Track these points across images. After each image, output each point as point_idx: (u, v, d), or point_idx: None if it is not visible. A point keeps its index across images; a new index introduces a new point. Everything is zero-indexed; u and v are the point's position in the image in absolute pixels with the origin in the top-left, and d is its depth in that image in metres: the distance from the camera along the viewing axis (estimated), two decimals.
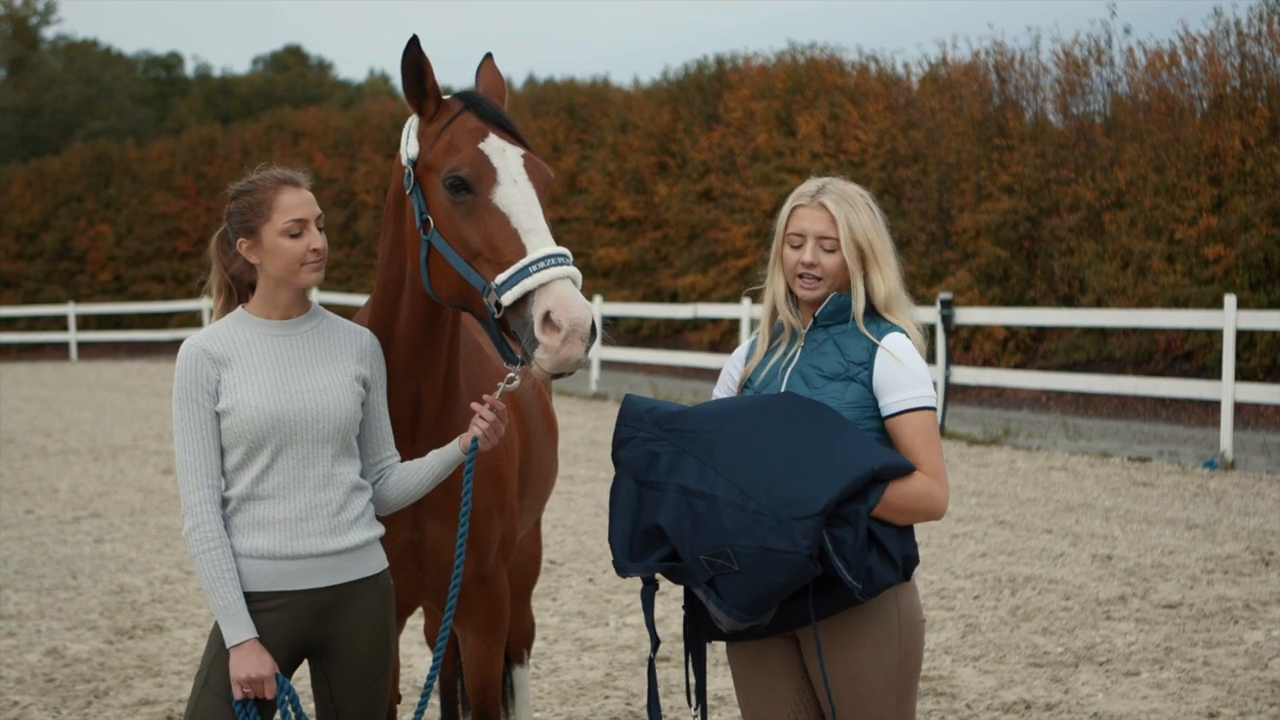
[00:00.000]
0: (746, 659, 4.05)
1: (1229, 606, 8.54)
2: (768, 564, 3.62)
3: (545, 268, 3.69)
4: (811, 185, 4.04)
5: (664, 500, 3.78)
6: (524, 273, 3.69)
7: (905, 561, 3.84)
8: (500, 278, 3.72)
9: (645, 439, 3.89)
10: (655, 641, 4.02)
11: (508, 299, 3.70)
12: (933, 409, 3.90)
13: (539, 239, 3.78)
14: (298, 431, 3.87)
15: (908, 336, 3.96)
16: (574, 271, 3.73)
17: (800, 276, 3.97)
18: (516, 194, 3.85)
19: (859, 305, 3.96)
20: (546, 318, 3.63)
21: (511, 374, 3.89)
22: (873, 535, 3.73)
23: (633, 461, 3.89)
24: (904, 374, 3.88)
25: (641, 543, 3.84)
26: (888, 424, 3.90)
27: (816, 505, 3.61)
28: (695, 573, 3.74)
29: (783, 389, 3.98)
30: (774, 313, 4.12)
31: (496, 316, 3.76)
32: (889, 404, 3.89)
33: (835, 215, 3.95)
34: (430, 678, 4.11)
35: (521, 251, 3.74)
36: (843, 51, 31.96)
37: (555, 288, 3.66)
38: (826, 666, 3.88)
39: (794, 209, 4.01)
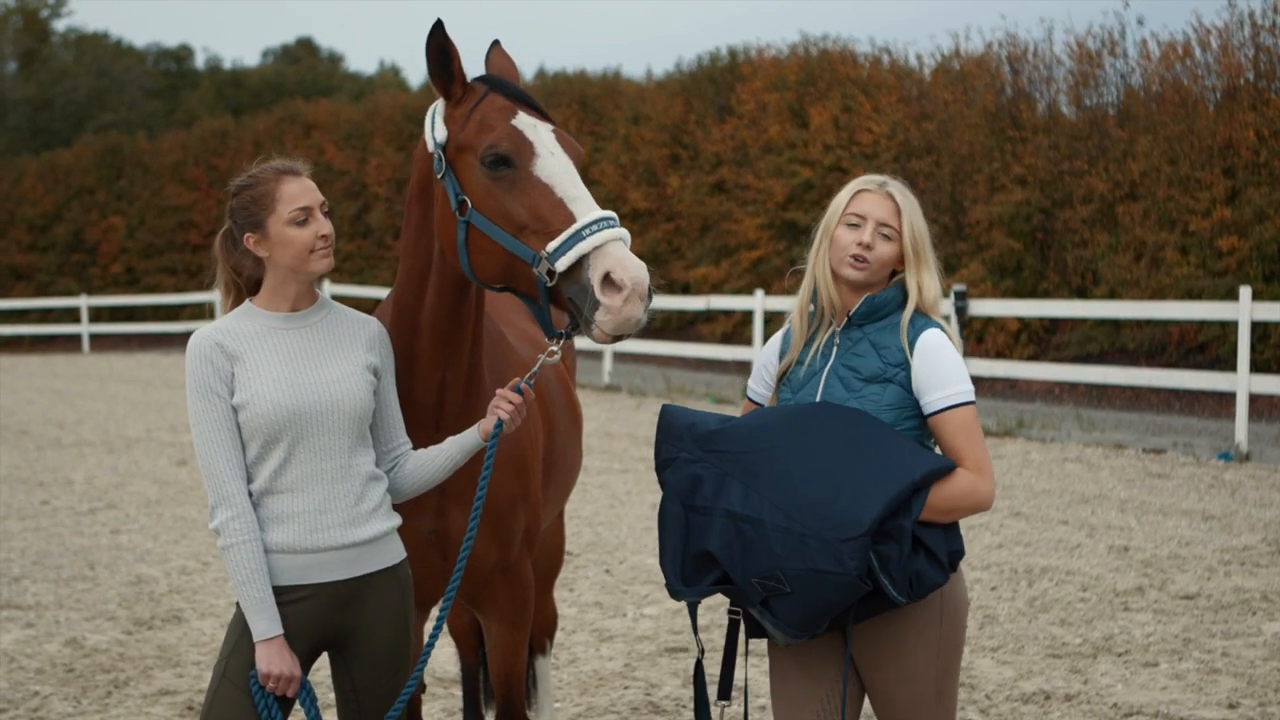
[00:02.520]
0: (785, 654, 4.07)
1: (1246, 598, 8.53)
2: (819, 585, 3.67)
3: (598, 230, 3.71)
4: (876, 177, 4.09)
5: (712, 525, 3.82)
6: (577, 237, 3.70)
7: (951, 557, 3.85)
8: (551, 245, 3.71)
9: (687, 460, 3.92)
10: (700, 649, 4.14)
11: (562, 265, 3.69)
12: (973, 403, 3.91)
13: (585, 205, 3.80)
14: (313, 424, 3.86)
15: (943, 330, 3.97)
16: (624, 233, 3.75)
17: (852, 257, 3.97)
18: (556, 164, 3.87)
19: (913, 302, 3.99)
20: (607, 278, 3.64)
21: (553, 347, 3.89)
22: (917, 540, 3.75)
23: (677, 485, 3.92)
24: (943, 371, 3.90)
25: (694, 567, 3.88)
26: (930, 421, 3.92)
27: (861, 526, 3.64)
28: (749, 594, 3.79)
29: (820, 392, 3.99)
30: (810, 299, 4.11)
31: (549, 285, 3.74)
32: (931, 401, 3.90)
33: (901, 206, 4.01)
34: (429, 645, 4.02)
35: (570, 219, 3.75)
36: (855, 43, 31.92)
37: (610, 249, 3.68)
38: (874, 649, 3.96)
39: (859, 192, 4.04)
